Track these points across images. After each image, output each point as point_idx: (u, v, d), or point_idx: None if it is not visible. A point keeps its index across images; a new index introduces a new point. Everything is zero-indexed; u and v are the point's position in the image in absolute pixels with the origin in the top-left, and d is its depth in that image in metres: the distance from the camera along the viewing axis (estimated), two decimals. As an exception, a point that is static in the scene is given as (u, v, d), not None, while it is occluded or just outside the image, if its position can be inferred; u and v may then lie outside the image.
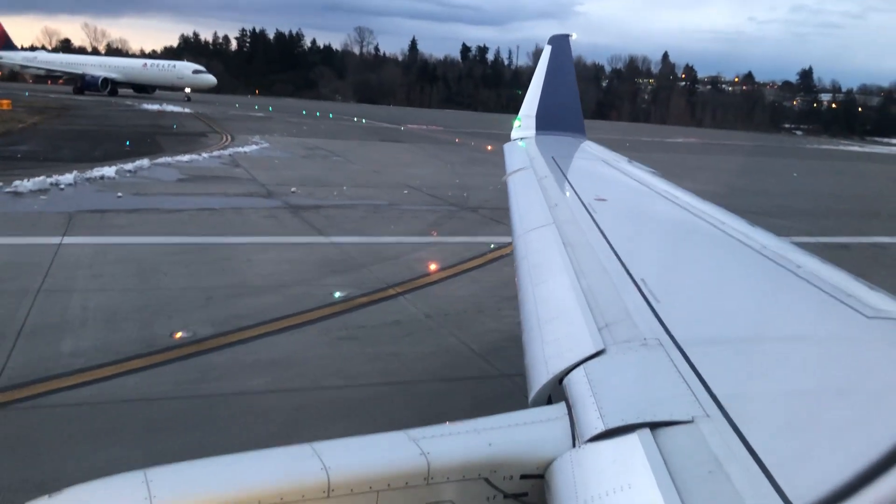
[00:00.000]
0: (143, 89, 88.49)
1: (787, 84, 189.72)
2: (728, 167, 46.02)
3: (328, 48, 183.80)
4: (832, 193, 34.89)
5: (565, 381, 2.74)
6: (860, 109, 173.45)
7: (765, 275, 3.92)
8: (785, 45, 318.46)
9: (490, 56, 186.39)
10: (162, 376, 7.82)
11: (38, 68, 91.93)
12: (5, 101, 50.36)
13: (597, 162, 8.14)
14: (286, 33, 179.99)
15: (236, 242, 14.66)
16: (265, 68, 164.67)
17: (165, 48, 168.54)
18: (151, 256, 12.95)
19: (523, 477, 2.34)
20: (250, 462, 2.21)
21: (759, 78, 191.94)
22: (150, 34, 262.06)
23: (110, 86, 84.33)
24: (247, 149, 32.88)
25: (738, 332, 3.12)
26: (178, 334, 9.04)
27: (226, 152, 30.95)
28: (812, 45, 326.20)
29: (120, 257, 12.75)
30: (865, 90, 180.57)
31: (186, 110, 62.88)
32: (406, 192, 23.41)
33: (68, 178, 20.70)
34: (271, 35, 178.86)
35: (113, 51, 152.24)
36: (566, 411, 2.51)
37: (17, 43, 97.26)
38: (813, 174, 46.71)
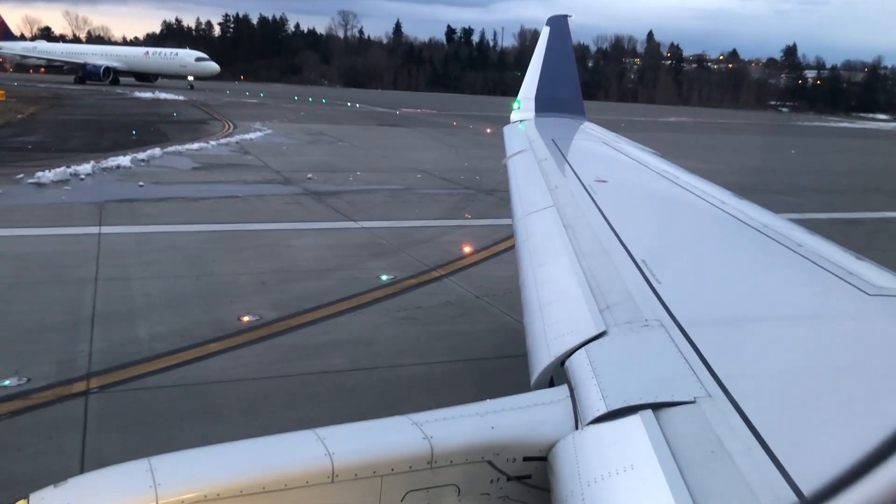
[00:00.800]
0: (146, 78, 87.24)
1: (771, 61, 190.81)
2: (731, 146, 46.51)
3: (312, 32, 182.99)
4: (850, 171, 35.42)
5: (567, 363, 2.75)
6: (845, 85, 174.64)
7: (766, 254, 3.92)
8: (768, 21, 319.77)
9: (475, 38, 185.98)
10: (244, 358, 8.12)
11: (39, 58, 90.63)
12: (-1, 92, 50.06)
13: (597, 143, 8.13)
14: (269, 18, 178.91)
15: (271, 229, 14.92)
16: (250, 54, 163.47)
17: (148, 35, 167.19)
18: (193, 244, 13.19)
19: (526, 459, 2.35)
20: (254, 448, 2.22)
21: (743, 55, 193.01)
22: (129, 21, 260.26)
23: (112, 75, 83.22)
24: (252, 136, 32.97)
25: (739, 311, 3.12)
26: (246, 318, 9.33)
27: (232, 139, 31.05)
28: (795, 22, 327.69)
29: (163, 245, 12.99)
30: (849, 66, 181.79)
31: (180, 98, 62.56)
32: (419, 176, 23.66)
33: (86, 168, 20.83)
34: (255, 20, 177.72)
35: (95, 38, 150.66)
36: (568, 393, 2.53)
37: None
38: (818, 151, 47.33)
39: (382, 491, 2.22)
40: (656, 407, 2.22)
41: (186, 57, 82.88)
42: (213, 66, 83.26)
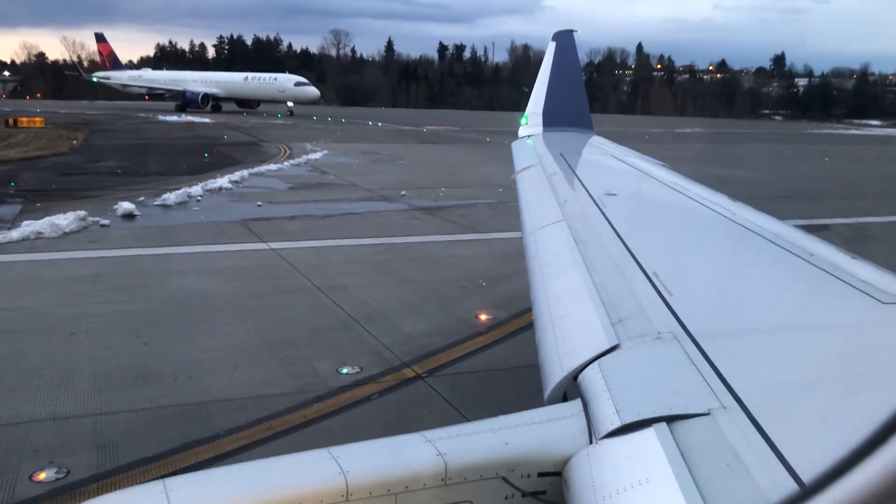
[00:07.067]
0: (247, 104, 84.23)
1: (760, 70, 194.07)
2: (764, 156, 47.85)
3: (305, 52, 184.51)
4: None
5: (580, 377, 2.76)
6: (835, 93, 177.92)
7: (778, 264, 3.91)
8: (753, 31, 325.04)
9: (467, 53, 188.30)
10: (519, 348, 9.37)
11: (141, 87, 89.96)
12: (38, 119, 51.20)
13: (605, 156, 8.23)
14: (264, 38, 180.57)
15: (420, 241, 16.17)
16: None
17: (142, 58, 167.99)
18: (366, 256, 14.44)
19: (541, 475, 2.36)
20: (268, 468, 2.25)
21: (731, 65, 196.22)
22: (119, 45, 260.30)
23: (210, 101, 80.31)
24: (314, 156, 34.23)
25: (752, 322, 3.11)
26: (483, 317, 10.59)
27: (300, 160, 32.33)
28: (779, 31, 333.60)
29: (341, 258, 14.21)
30: (838, 73, 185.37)
31: (206, 120, 63.79)
32: (501, 190, 24.90)
33: (197, 189, 22.02)
34: (249, 41, 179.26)
35: (90, 63, 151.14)
36: (582, 408, 2.54)
37: (6, 59, 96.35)
38: (849, 158, 49.08)
39: None
40: (671, 420, 2.22)
41: (285, 82, 78.99)
42: (314, 91, 79.41)
